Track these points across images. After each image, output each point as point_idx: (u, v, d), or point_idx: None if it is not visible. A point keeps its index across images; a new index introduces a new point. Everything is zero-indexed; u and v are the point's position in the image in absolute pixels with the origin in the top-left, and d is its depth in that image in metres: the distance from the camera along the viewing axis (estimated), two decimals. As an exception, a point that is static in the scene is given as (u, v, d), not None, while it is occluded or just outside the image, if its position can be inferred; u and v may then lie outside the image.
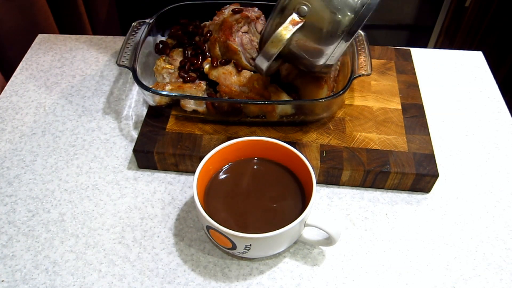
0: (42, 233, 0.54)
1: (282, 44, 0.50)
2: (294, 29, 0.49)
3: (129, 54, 0.61)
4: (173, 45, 0.67)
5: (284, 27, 0.49)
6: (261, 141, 0.52)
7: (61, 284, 0.49)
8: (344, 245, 0.53)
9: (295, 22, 0.49)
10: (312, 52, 0.52)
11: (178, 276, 0.50)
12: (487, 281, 0.50)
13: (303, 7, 0.48)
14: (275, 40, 0.50)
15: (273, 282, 0.50)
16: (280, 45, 0.50)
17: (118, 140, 0.64)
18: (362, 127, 0.61)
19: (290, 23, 0.49)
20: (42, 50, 0.78)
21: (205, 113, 0.60)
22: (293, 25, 0.49)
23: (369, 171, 0.56)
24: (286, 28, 0.49)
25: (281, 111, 0.59)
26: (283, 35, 0.49)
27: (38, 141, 0.64)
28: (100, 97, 0.70)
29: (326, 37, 0.50)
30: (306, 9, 0.48)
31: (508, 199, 0.58)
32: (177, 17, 0.68)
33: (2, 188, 0.58)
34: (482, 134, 0.66)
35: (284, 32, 0.49)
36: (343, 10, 0.48)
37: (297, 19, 0.49)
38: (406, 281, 0.50)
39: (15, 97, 0.70)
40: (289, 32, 0.49)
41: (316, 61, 0.52)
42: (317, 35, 0.50)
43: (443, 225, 0.55)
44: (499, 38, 1.44)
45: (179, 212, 0.56)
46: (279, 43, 0.50)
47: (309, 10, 0.48)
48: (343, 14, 0.48)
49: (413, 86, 0.67)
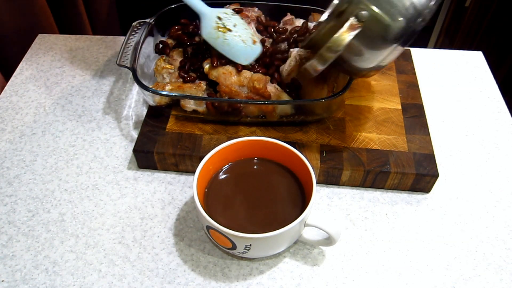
0: (42, 233, 0.54)
1: (340, 50, 0.48)
2: (353, 34, 0.48)
3: (129, 54, 0.61)
4: (173, 45, 0.67)
5: (342, 32, 0.47)
6: (261, 141, 0.52)
7: (61, 284, 0.49)
8: (344, 245, 0.53)
9: (353, 27, 0.48)
10: (364, 57, 0.51)
11: (178, 276, 0.50)
12: (487, 281, 0.50)
13: (363, 12, 0.47)
14: (333, 45, 0.48)
15: (273, 282, 0.50)
16: (338, 50, 0.48)
17: (118, 140, 0.64)
18: (362, 127, 0.61)
19: (349, 28, 0.47)
20: (42, 50, 0.78)
21: (205, 113, 0.60)
22: (352, 30, 0.48)
23: (369, 171, 0.56)
24: (345, 33, 0.47)
25: (281, 111, 0.59)
26: (342, 40, 0.48)
27: (38, 141, 0.64)
28: (100, 97, 0.70)
29: (381, 42, 0.49)
30: (365, 14, 0.47)
31: (508, 199, 0.58)
32: (177, 17, 0.68)
33: (2, 188, 0.58)
34: (482, 134, 0.66)
35: (343, 38, 0.48)
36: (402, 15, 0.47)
37: (356, 24, 0.48)
38: (406, 281, 0.50)
39: (15, 97, 0.70)
40: (348, 37, 0.48)
41: (366, 64, 0.51)
42: (373, 40, 0.49)
43: (443, 225, 0.55)
44: (499, 38, 1.44)
45: (179, 212, 0.56)
46: (337, 48, 0.48)
47: (368, 15, 0.47)
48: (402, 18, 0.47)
49: (413, 86, 0.67)
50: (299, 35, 0.64)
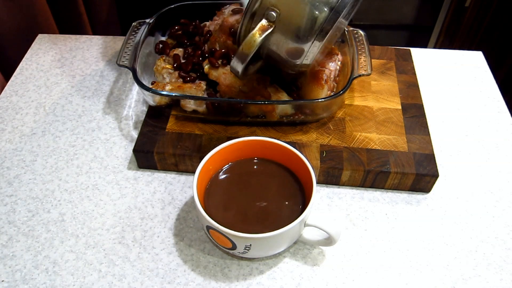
0: (42, 233, 0.54)
1: (253, 49, 0.50)
2: (264, 35, 0.50)
3: (129, 54, 0.61)
4: (173, 45, 0.67)
5: (253, 34, 0.50)
6: (261, 141, 0.52)
7: (61, 284, 0.49)
8: (344, 245, 0.53)
9: (264, 28, 0.50)
10: (287, 52, 0.52)
11: (178, 276, 0.50)
12: (487, 281, 0.50)
13: (272, 13, 0.49)
14: (246, 46, 0.51)
15: (273, 282, 0.50)
16: (251, 50, 0.51)
17: (118, 140, 0.64)
18: (362, 127, 0.61)
19: (259, 29, 0.50)
20: (42, 50, 0.78)
21: (205, 113, 0.60)
22: (262, 31, 0.50)
23: (369, 171, 0.56)
24: (256, 35, 0.50)
25: (281, 111, 0.59)
26: (253, 42, 0.50)
27: (38, 141, 0.64)
28: (100, 97, 0.70)
29: (298, 37, 0.50)
30: (274, 15, 0.49)
31: (508, 199, 0.58)
32: (177, 17, 0.68)
33: (2, 188, 0.58)
34: (482, 134, 0.66)
35: (254, 39, 0.50)
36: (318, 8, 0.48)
37: (266, 25, 0.50)
38: (406, 281, 0.50)
39: (15, 97, 0.70)
40: (259, 38, 0.50)
41: (292, 61, 0.53)
42: (289, 36, 0.50)
43: (443, 225, 0.55)
44: (499, 38, 1.44)
45: (179, 212, 0.56)
46: (250, 48, 0.51)
47: (277, 16, 0.49)
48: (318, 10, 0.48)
49: (413, 86, 0.67)
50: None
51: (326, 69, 0.59)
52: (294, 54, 0.52)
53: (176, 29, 0.68)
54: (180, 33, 0.67)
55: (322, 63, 0.60)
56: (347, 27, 0.65)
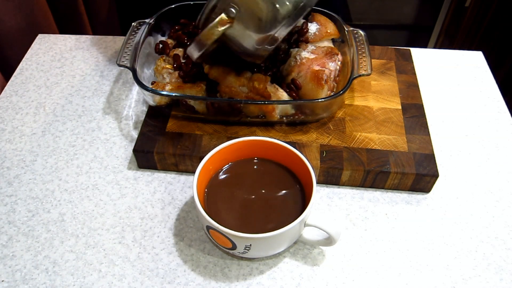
0: (42, 233, 0.54)
1: (211, 41, 0.51)
2: (222, 30, 0.51)
3: (129, 54, 0.61)
4: (173, 45, 0.67)
5: (212, 26, 0.51)
6: (261, 141, 0.52)
7: (61, 284, 0.49)
8: (344, 245, 0.53)
9: (223, 23, 0.50)
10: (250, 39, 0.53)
11: (178, 276, 0.50)
12: (487, 281, 0.50)
13: (231, 9, 0.50)
14: (204, 36, 0.51)
15: (273, 282, 0.50)
16: (209, 41, 0.51)
17: (118, 140, 0.64)
18: (362, 127, 0.61)
19: (218, 23, 0.50)
20: (42, 50, 0.78)
21: (205, 113, 0.60)
22: (221, 25, 0.50)
23: (369, 171, 0.56)
24: (214, 27, 0.51)
25: (281, 111, 0.59)
26: (211, 35, 0.51)
27: (38, 141, 0.64)
28: (100, 97, 0.70)
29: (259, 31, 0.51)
30: (234, 11, 0.50)
31: (508, 199, 0.58)
32: (177, 17, 0.68)
33: (2, 188, 0.58)
34: (482, 134, 0.66)
35: (212, 32, 0.51)
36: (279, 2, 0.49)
37: (226, 19, 0.50)
38: (406, 281, 0.50)
39: (15, 97, 0.70)
40: (217, 32, 0.51)
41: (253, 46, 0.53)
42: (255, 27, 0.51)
43: (443, 225, 0.55)
44: (499, 38, 1.44)
45: (179, 212, 0.56)
46: (207, 40, 0.51)
47: (236, 12, 0.50)
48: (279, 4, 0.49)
49: (413, 86, 0.67)
50: (299, 35, 0.64)
51: (326, 69, 0.59)
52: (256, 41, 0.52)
53: (176, 29, 0.68)
54: (180, 33, 0.67)
55: (322, 63, 0.60)
56: (347, 27, 0.65)
